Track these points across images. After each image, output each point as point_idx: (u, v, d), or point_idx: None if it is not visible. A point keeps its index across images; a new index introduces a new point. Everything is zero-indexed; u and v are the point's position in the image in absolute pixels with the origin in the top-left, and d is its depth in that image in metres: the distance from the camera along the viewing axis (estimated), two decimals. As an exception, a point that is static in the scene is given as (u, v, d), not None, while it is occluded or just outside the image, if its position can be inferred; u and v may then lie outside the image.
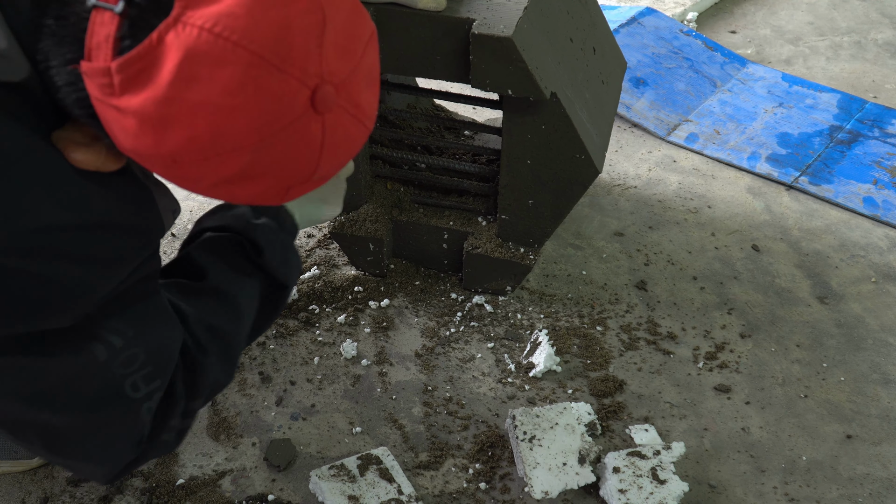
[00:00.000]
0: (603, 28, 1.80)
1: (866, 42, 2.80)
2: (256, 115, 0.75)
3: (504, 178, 1.58)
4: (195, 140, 0.76)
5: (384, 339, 1.63)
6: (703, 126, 2.29)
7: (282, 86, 0.75)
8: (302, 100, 0.77)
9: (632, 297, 1.74)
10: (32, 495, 1.34)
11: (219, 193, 0.83)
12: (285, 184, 0.83)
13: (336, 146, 0.82)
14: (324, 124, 0.79)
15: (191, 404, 1.00)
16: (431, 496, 1.36)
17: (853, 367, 1.61)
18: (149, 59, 0.74)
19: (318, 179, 0.85)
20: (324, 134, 0.80)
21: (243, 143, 0.76)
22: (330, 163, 0.83)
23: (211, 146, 0.76)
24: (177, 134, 0.76)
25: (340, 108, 0.80)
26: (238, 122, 0.75)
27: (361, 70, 0.82)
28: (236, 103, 0.74)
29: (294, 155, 0.80)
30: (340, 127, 0.81)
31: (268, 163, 0.79)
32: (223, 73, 0.73)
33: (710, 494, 1.38)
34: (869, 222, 1.98)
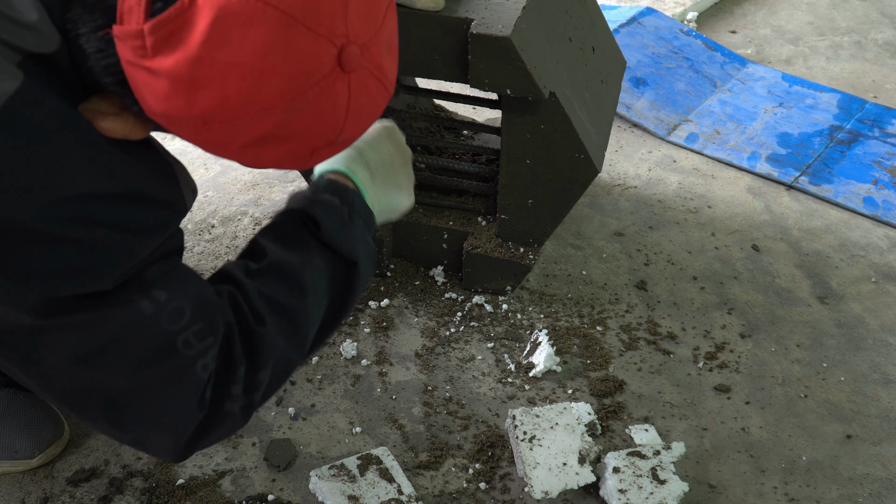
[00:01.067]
0: (602, 28, 1.80)
1: (866, 42, 2.80)
2: (287, 75, 0.77)
3: (504, 178, 1.58)
4: (226, 101, 0.77)
5: (384, 339, 1.63)
6: (703, 126, 2.29)
7: (311, 45, 0.77)
8: (330, 59, 0.78)
9: (632, 297, 1.74)
10: (32, 495, 1.35)
11: (246, 156, 0.84)
12: (311, 146, 0.84)
13: (360, 107, 0.84)
14: (350, 84, 0.81)
15: (254, 376, 0.98)
16: (431, 496, 1.36)
17: (853, 367, 1.61)
18: (181, 21, 0.75)
19: (342, 143, 0.86)
20: (349, 94, 0.81)
21: (274, 103, 0.78)
22: (354, 125, 0.85)
23: (242, 107, 0.77)
24: (208, 95, 0.77)
25: (365, 68, 0.82)
26: (269, 81, 0.76)
27: (383, 34, 0.84)
28: (267, 63, 0.76)
29: (321, 115, 0.81)
30: (364, 88, 0.83)
31: (297, 123, 0.80)
32: (254, 33, 0.75)
33: (710, 494, 1.38)
34: (869, 222, 1.98)
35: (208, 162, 2.11)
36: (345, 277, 1.08)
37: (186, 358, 0.91)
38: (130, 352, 0.88)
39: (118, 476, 1.37)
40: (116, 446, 1.42)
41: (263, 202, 1.99)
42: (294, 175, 2.06)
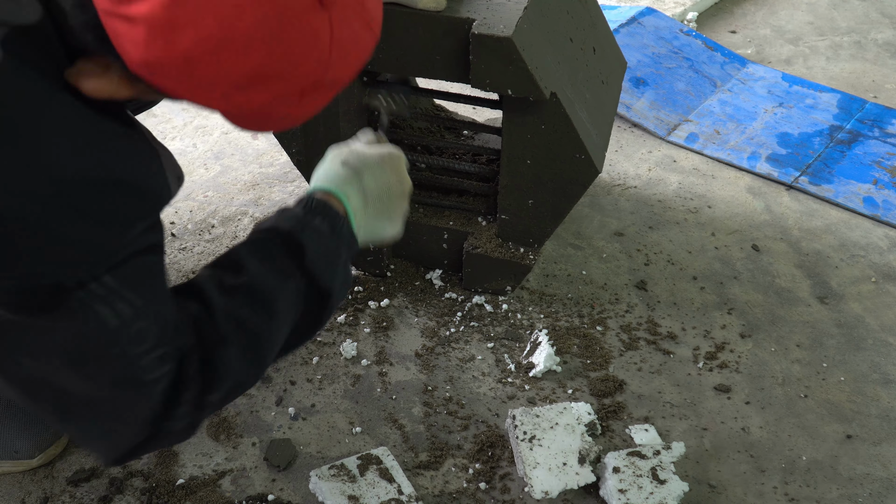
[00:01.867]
0: (603, 28, 1.80)
1: (866, 42, 2.80)
2: (263, 8, 0.77)
3: (504, 178, 1.58)
4: (205, 39, 0.77)
5: (384, 339, 1.63)
6: (703, 126, 2.29)
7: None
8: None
9: (632, 297, 1.74)
10: (32, 495, 1.35)
11: (234, 103, 0.83)
12: (298, 86, 0.83)
13: (344, 46, 0.84)
14: (331, 19, 0.81)
15: (206, 396, 0.97)
16: (431, 496, 1.36)
17: (853, 367, 1.61)
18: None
19: (331, 83, 0.86)
20: (331, 30, 0.81)
21: (253, 38, 0.77)
22: (340, 64, 0.85)
23: (222, 44, 0.77)
24: (187, 34, 0.76)
25: (345, 6, 0.82)
26: (246, 16, 0.76)
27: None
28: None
29: (305, 50, 0.81)
30: (347, 25, 0.83)
31: (279, 59, 0.80)
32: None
33: (710, 494, 1.38)
34: (869, 222, 1.98)
35: (208, 162, 2.11)
36: (316, 307, 1.06)
37: (145, 382, 0.90)
38: (90, 363, 0.87)
39: (118, 476, 1.37)
40: (116, 446, 1.42)
41: (263, 202, 1.99)
42: (295, 175, 2.06)
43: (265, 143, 2.20)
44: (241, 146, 2.17)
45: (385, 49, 1.48)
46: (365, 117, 1.61)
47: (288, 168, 2.09)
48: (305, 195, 1.10)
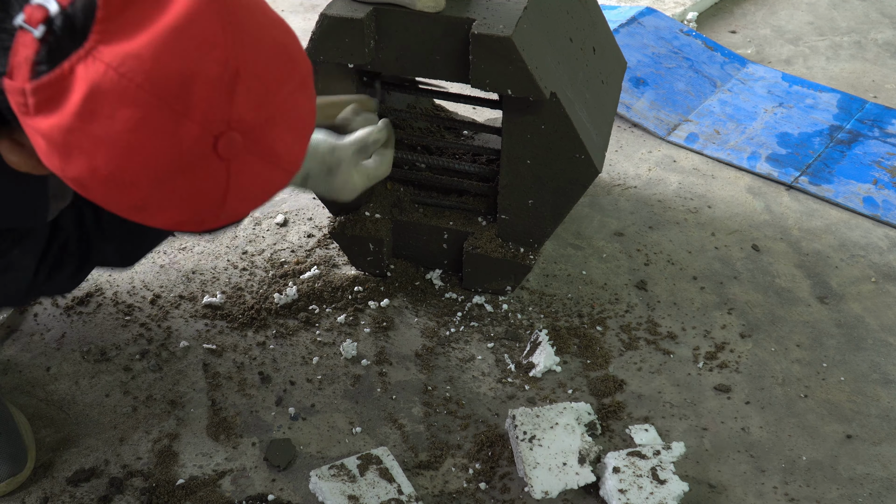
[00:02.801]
0: (603, 28, 1.80)
1: (866, 42, 2.80)
2: (152, 155, 0.78)
3: (504, 178, 1.58)
4: (96, 171, 0.79)
5: (384, 339, 1.63)
6: (703, 126, 2.29)
7: (181, 130, 0.77)
8: (203, 145, 0.79)
9: (632, 297, 1.74)
10: (32, 495, 1.35)
11: (135, 218, 0.86)
12: (194, 218, 0.85)
13: (245, 188, 0.84)
14: (228, 169, 0.81)
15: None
16: (431, 496, 1.36)
17: (853, 367, 1.61)
18: (59, 87, 0.76)
19: (229, 215, 0.87)
20: (228, 177, 0.82)
21: (139, 180, 0.79)
22: (240, 202, 0.86)
23: (110, 179, 0.79)
24: (79, 163, 0.79)
25: (249, 153, 0.82)
26: (135, 159, 0.78)
27: (282, 116, 0.84)
28: (133, 142, 0.77)
29: (196, 194, 0.82)
30: (249, 171, 0.83)
31: (169, 199, 0.82)
32: (124, 112, 0.76)
33: (710, 494, 1.38)
34: (869, 222, 1.98)
35: (208, 161, 2.11)
36: None
37: None
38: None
39: (118, 476, 1.37)
40: (116, 446, 1.42)
41: (263, 202, 1.98)
42: (294, 175, 2.06)
43: (265, 143, 2.19)
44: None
45: (385, 49, 1.49)
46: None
47: (288, 168, 2.09)
48: None
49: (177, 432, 1.45)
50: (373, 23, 1.46)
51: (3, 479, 1.33)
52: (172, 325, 1.64)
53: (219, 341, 1.61)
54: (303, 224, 1.91)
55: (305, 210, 1.95)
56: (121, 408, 1.49)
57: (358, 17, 1.43)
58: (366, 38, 1.45)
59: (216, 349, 1.59)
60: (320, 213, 1.94)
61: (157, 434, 1.44)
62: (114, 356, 1.58)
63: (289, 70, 0.84)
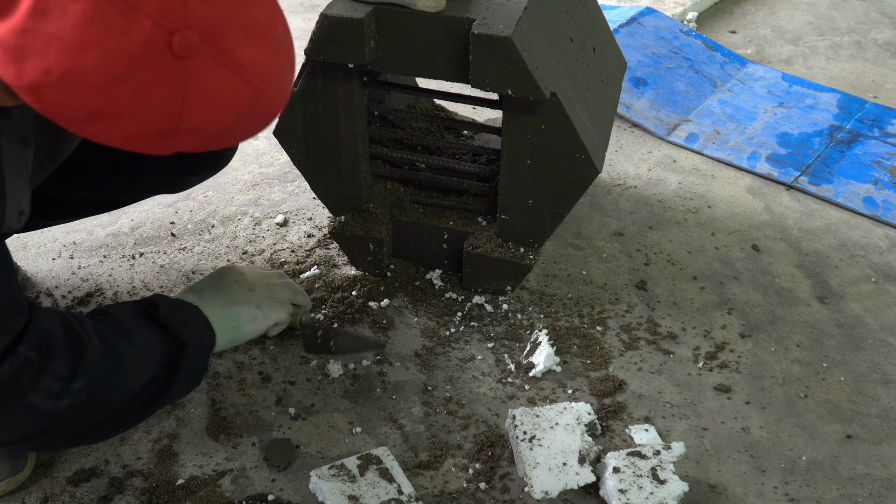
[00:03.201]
0: (603, 28, 1.80)
1: (866, 42, 2.80)
2: (104, 53, 0.76)
3: (504, 178, 1.58)
4: (50, 73, 0.77)
5: (384, 339, 1.63)
6: (703, 126, 2.29)
7: (133, 25, 0.75)
8: (158, 42, 0.76)
9: (632, 297, 1.74)
10: (32, 495, 1.35)
11: (91, 132, 0.83)
12: (153, 129, 0.82)
13: (204, 96, 0.81)
14: (185, 70, 0.79)
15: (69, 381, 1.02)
16: (431, 496, 1.36)
17: (853, 367, 1.61)
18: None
19: (190, 129, 0.84)
20: (185, 80, 0.79)
21: (93, 80, 0.77)
22: (199, 111, 0.82)
23: (64, 80, 0.77)
24: (33, 65, 0.77)
25: (207, 56, 0.79)
26: (87, 57, 0.76)
27: (240, 20, 0.81)
28: (85, 38, 0.75)
29: (149, 98, 0.79)
30: (208, 76, 0.80)
31: (122, 103, 0.79)
32: (75, 7, 0.74)
33: (710, 494, 1.38)
34: (869, 222, 1.98)
35: (208, 161, 2.11)
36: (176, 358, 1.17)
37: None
38: None
39: (118, 476, 1.37)
40: (116, 446, 1.42)
41: (263, 202, 1.99)
42: (295, 175, 2.06)
43: (265, 143, 2.20)
44: (241, 146, 2.17)
45: (385, 49, 1.49)
46: (365, 117, 1.61)
47: (288, 168, 2.09)
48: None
49: (177, 432, 1.45)
50: (373, 23, 1.46)
51: (3, 479, 1.33)
52: (172, 325, 1.64)
53: (219, 341, 1.61)
54: (303, 224, 1.91)
55: (305, 210, 1.95)
56: (121, 408, 1.49)
57: (358, 17, 1.43)
58: (366, 38, 1.45)
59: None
60: (320, 213, 1.94)
61: (157, 434, 1.44)
62: (114, 356, 1.58)
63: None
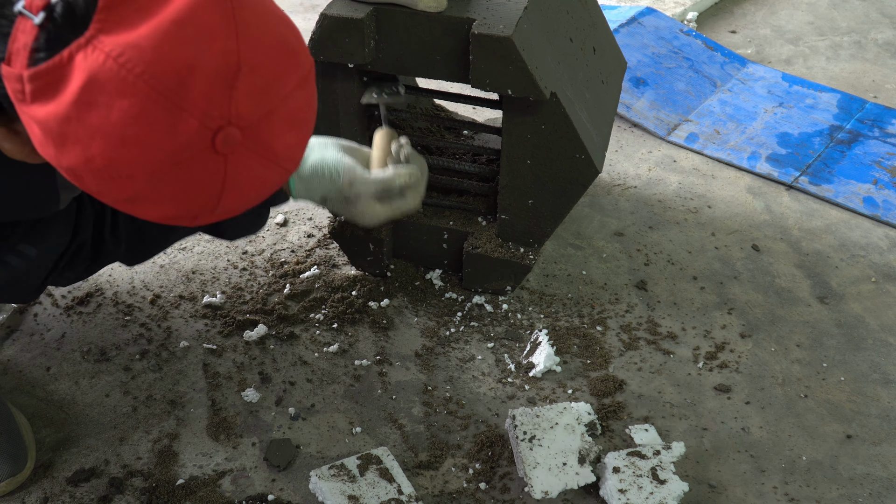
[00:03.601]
0: (603, 28, 1.80)
1: (866, 42, 2.80)
2: (148, 149, 0.77)
3: (504, 178, 1.58)
4: (91, 161, 0.78)
5: (384, 339, 1.63)
6: (703, 126, 2.29)
7: (178, 124, 0.76)
8: (201, 140, 0.78)
9: (632, 296, 1.74)
10: (32, 495, 1.35)
11: (129, 209, 0.85)
12: (188, 212, 0.84)
13: (241, 185, 0.83)
14: (226, 163, 0.80)
15: None
16: (431, 496, 1.36)
17: (853, 367, 1.61)
18: (57, 75, 0.76)
19: (225, 212, 0.86)
20: (225, 173, 0.81)
21: (134, 172, 0.78)
22: (235, 199, 0.85)
23: (105, 169, 0.78)
24: (74, 152, 0.78)
25: (247, 149, 0.81)
26: (130, 151, 0.77)
27: (282, 113, 0.83)
28: (129, 133, 0.76)
29: (190, 189, 0.81)
30: (246, 167, 0.82)
31: (163, 192, 0.80)
32: (121, 103, 0.75)
33: (710, 494, 1.38)
34: (869, 222, 1.98)
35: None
36: None
37: None
38: None
39: (118, 476, 1.37)
40: (116, 446, 1.42)
41: (263, 202, 1.98)
42: (294, 175, 2.06)
43: (265, 143, 2.19)
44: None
45: (385, 49, 1.48)
46: (365, 117, 1.61)
47: (288, 168, 2.09)
48: None
49: (177, 432, 1.45)
50: (373, 23, 1.46)
51: (3, 479, 1.33)
52: (172, 325, 1.64)
53: (219, 341, 1.61)
54: (303, 224, 1.91)
55: (305, 210, 1.95)
56: (121, 408, 1.49)
57: (358, 17, 1.43)
58: (366, 38, 1.45)
59: (216, 349, 1.59)
60: (320, 213, 1.94)
61: (157, 434, 1.44)
62: (114, 356, 1.58)
63: (291, 65, 0.83)
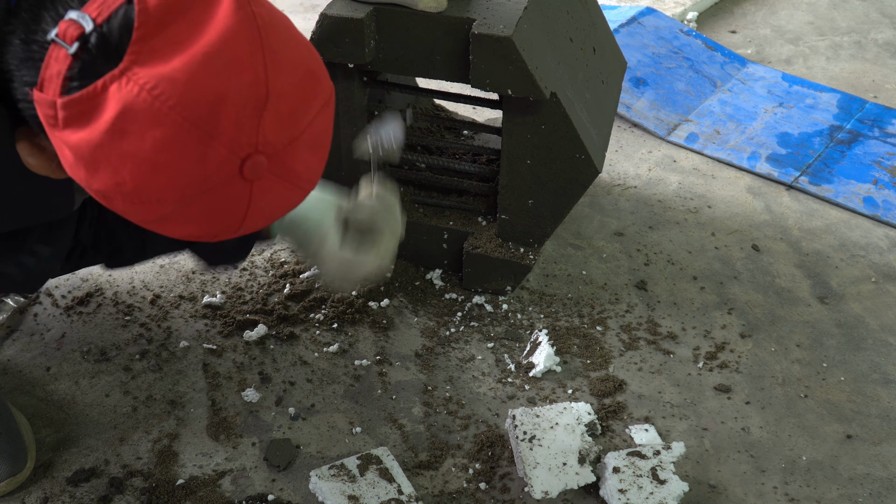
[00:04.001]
0: (603, 28, 1.80)
1: (866, 42, 2.80)
2: (179, 176, 0.79)
3: (504, 178, 1.58)
4: (121, 186, 0.80)
5: (384, 339, 1.63)
6: (703, 126, 2.29)
7: (209, 152, 0.78)
8: (230, 167, 0.79)
9: (632, 296, 1.74)
10: (32, 495, 1.35)
11: (155, 229, 0.87)
12: (211, 232, 0.86)
13: (264, 207, 0.85)
14: (252, 189, 0.82)
15: None
16: (431, 496, 1.36)
17: (853, 367, 1.61)
18: (91, 104, 0.77)
19: (245, 230, 0.88)
20: (251, 197, 0.83)
21: (164, 197, 0.80)
22: (256, 220, 0.87)
23: (134, 194, 0.80)
24: (105, 177, 0.80)
25: (272, 175, 0.83)
26: (161, 178, 0.79)
27: (305, 137, 0.85)
28: (161, 161, 0.78)
29: (218, 212, 0.83)
30: (270, 191, 0.84)
31: (190, 215, 0.82)
32: (154, 132, 0.77)
33: (710, 494, 1.38)
34: (869, 222, 1.98)
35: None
36: None
37: None
38: None
39: (118, 476, 1.37)
40: (116, 446, 1.42)
41: (263, 202, 1.98)
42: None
43: (265, 143, 2.20)
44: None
45: (385, 49, 1.49)
46: (365, 117, 1.61)
47: (288, 168, 2.09)
48: None
49: (177, 432, 1.45)
50: (373, 23, 1.46)
51: (3, 479, 1.33)
52: (172, 325, 1.64)
53: (219, 341, 1.61)
54: (303, 224, 1.91)
55: (305, 210, 1.95)
56: (121, 408, 1.49)
57: (358, 17, 1.43)
58: (366, 38, 1.45)
59: (216, 349, 1.59)
60: (320, 213, 1.94)
61: (157, 434, 1.44)
62: (114, 356, 1.58)
63: (315, 92, 0.85)
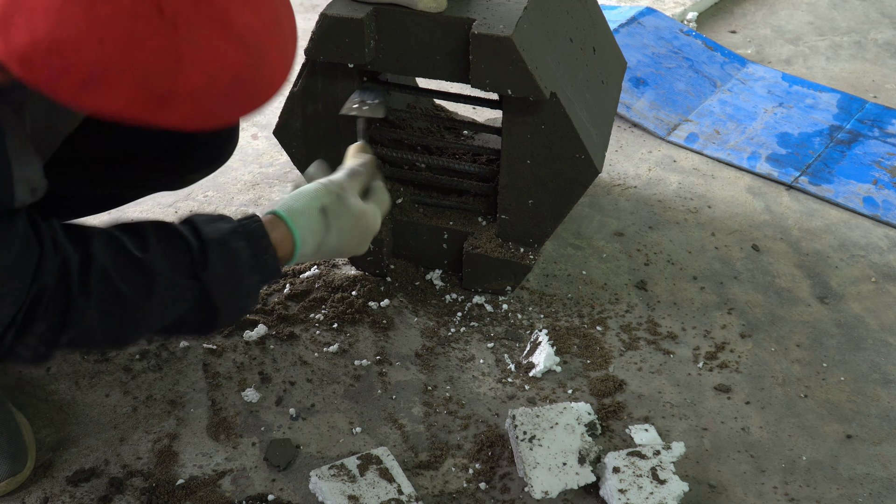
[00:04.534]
0: (603, 28, 1.80)
1: (866, 42, 2.80)
2: (90, 14, 0.76)
3: (504, 178, 1.59)
4: (37, 42, 0.77)
5: (384, 339, 1.63)
6: (703, 126, 2.29)
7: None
8: (146, 3, 0.76)
9: (632, 296, 1.74)
10: (32, 495, 1.35)
11: (88, 102, 0.82)
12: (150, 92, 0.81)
13: (201, 59, 0.81)
14: (176, 31, 0.78)
15: (57, 335, 1.00)
16: (431, 496, 1.36)
17: (853, 367, 1.61)
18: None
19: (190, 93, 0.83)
20: (177, 41, 0.79)
21: (81, 43, 0.77)
22: (197, 76, 0.82)
23: (52, 45, 0.77)
24: (20, 34, 0.77)
25: (197, 13, 0.79)
26: (72, 19, 0.76)
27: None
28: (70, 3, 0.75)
29: (144, 60, 0.79)
30: (203, 40, 0.80)
31: (115, 66, 0.78)
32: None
33: (710, 494, 1.38)
34: (869, 222, 1.98)
35: (208, 161, 2.11)
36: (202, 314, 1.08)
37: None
38: None
39: (118, 476, 1.37)
40: (116, 446, 1.42)
41: (263, 202, 1.99)
42: (295, 175, 2.06)
43: (265, 143, 2.20)
44: (241, 146, 2.17)
45: (385, 49, 1.49)
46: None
47: (288, 168, 2.09)
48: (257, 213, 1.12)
49: (177, 432, 1.45)
50: (373, 23, 1.46)
51: (3, 479, 1.33)
52: (172, 325, 1.64)
53: (219, 341, 1.61)
54: (303, 224, 1.91)
55: (305, 210, 1.95)
56: (121, 408, 1.49)
57: (358, 17, 1.43)
58: (366, 38, 1.45)
59: (216, 349, 1.59)
60: (320, 213, 1.94)
61: (157, 434, 1.44)
62: (114, 356, 1.58)
63: None
